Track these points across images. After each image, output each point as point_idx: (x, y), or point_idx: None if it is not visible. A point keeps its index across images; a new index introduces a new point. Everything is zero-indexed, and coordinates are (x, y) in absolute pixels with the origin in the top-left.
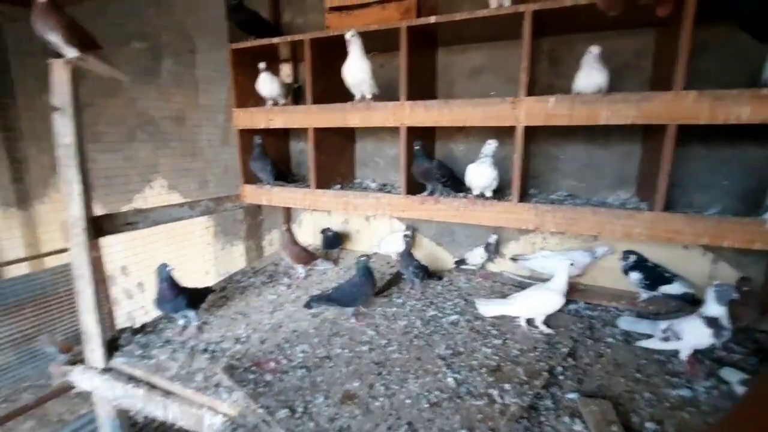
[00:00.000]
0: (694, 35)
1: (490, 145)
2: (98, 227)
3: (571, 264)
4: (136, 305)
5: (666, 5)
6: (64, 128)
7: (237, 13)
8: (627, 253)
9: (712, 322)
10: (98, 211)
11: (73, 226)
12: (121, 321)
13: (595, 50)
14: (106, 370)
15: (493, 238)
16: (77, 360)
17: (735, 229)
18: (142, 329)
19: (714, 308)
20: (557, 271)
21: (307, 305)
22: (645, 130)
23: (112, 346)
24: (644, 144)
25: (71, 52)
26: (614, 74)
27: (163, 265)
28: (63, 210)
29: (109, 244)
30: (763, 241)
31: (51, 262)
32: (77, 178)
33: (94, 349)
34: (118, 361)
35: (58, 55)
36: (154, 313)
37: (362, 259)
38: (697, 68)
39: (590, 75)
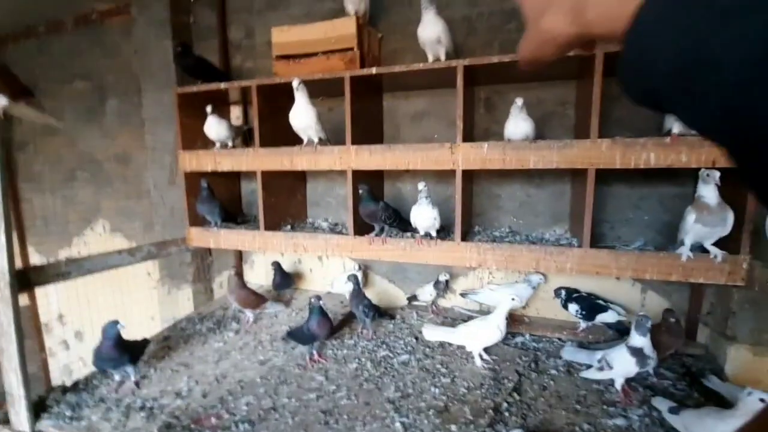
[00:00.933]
0: (606, 86)
1: (422, 187)
2: (25, 280)
3: (513, 299)
4: (73, 356)
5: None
6: None
7: (184, 59)
8: (558, 290)
9: (636, 351)
10: (32, 254)
11: None
12: (57, 374)
13: (519, 101)
14: None
15: (443, 277)
16: (3, 420)
17: (654, 263)
18: (74, 387)
19: (637, 339)
20: (499, 306)
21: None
22: (572, 172)
23: (39, 407)
24: (573, 184)
25: (1, 100)
26: (542, 121)
27: (113, 323)
28: None
29: (46, 291)
30: (679, 274)
31: None
32: (1, 227)
33: (18, 411)
34: (45, 424)
35: None
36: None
37: (313, 300)
38: (612, 116)
39: (517, 124)
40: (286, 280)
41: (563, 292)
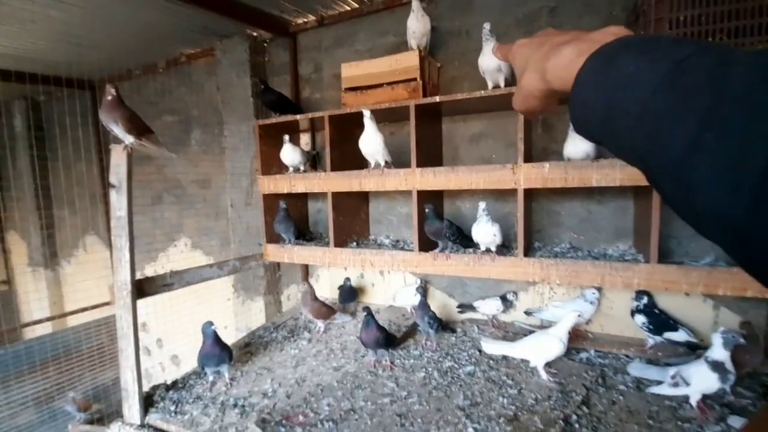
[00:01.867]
0: None
1: (481, 206)
2: (140, 289)
3: (579, 315)
4: (154, 362)
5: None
6: (118, 203)
7: (265, 95)
8: (640, 294)
9: (717, 366)
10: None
11: (120, 289)
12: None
13: None
14: (142, 426)
15: (511, 294)
16: (95, 419)
17: (726, 278)
18: (174, 386)
19: (719, 352)
20: (563, 319)
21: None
22: (635, 188)
23: (147, 402)
24: (636, 200)
25: (129, 139)
26: None
27: (209, 323)
28: (88, 270)
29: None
30: (755, 289)
31: (72, 320)
32: (127, 246)
33: (131, 405)
34: (153, 417)
35: (117, 141)
36: (171, 369)
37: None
38: None
39: (575, 143)
40: (351, 294)
41: (645, 298)
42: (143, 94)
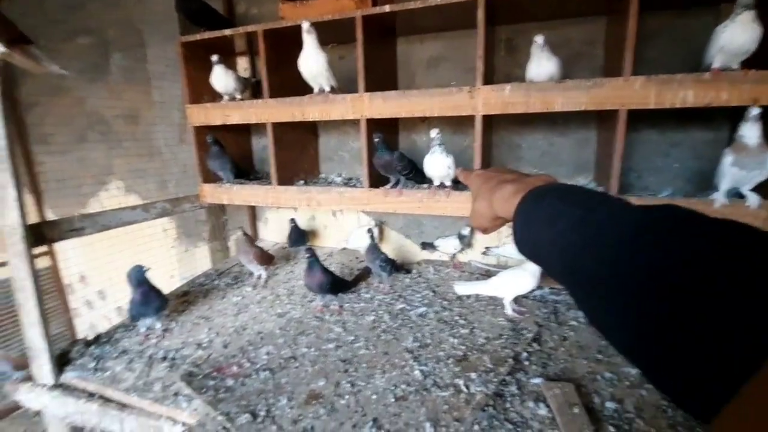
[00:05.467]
0: (641, 23)
1: (435, 134)
2: (39, 235)
3: None
4: (98, 314)
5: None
6: None
7: (186, 3)
8: None
9: None
10: (50, 217)
11: (10, 235)
12: (84, 333)
13: (539, 39)
14: (56, 386)
15: (466, 229)
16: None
17: None
18: (97, 340)
19: None
20: None
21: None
22: (599, 117)
23: (62, 360)
24: (599, 131)
25: None
26: (568, 63)
27: (138, 267)
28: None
29: (65, 252)
30: None
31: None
32: (11, 182)
33: (41, 365)
34: (69, 376)
35: None
36: (117, 321)
37: (305, 254)
38: (645, 56)
39: (540, 64)
40: (301, 237)
41: None
42: (45, 9)
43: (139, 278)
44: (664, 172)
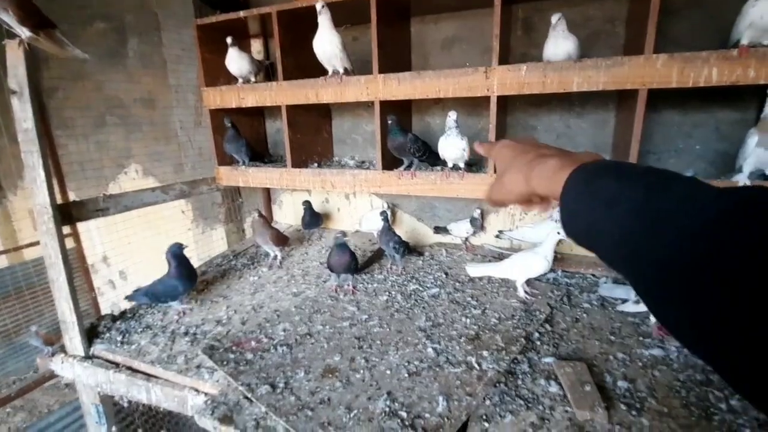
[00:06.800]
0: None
1: (451, 116)
2: (66, 214)
3: (558, 232)
4: (120, 294)
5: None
6: (22, 112)
7: None
8: None
9: None
10: (73, 199)
11: (40, 214)
12: (106, 310)
13: (556, 17)
14: (87, 358)
15: (477, 212)
16: (62, 351)
17: None
18: (122, 316)
19: None
20: (546, 239)
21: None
22: (619, 98)
23: (91, 334)
24: (618, 111)
25: (24, 32)
26: (587, 41)
27: (177, 245)
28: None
29: (89, 233)
30: None
31: (30, 253)
32: (40, 163)
33: (72, 337)
34: (98, 348)
35: (13, 36)
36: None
37: (338, 236)
38: (668, 34)
39: (557, 43)
40: (315, 219)
41: None
42: None
43: (177, 254)
44: (685, 154)
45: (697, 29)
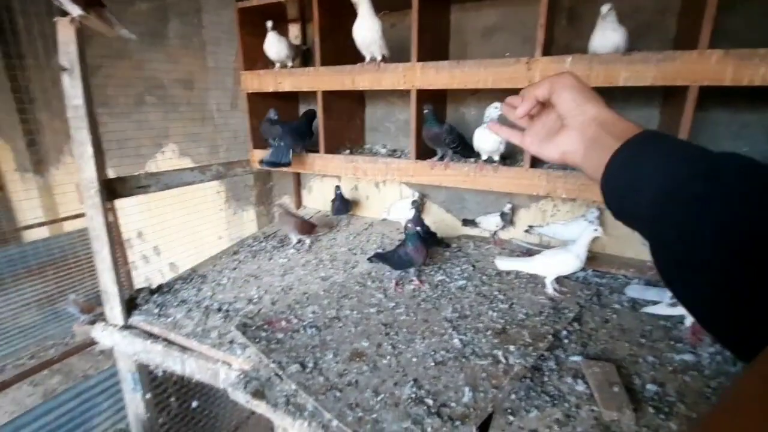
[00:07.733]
0: None
1: (495, 109)
2: (111, 189)
3: (596, 229)
4: (153, 269)
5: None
6: (73, 89)
7: None
8: None
9: None
10: (112, 175)
11: (87, 188)
12: (139, 284)
13: (606, 8)
14: (126, 327)
15: (507, 207)
16: (98, 320)
17: None
18: (159, 290)
19: None
20: (580, 236)
21: (369, 259)
22: (665, 94)
23: (130, 305)
24: (663, 109)
25: (75, 10)
26: (636, 33)
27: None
28: (77, 174)
29: (125, 210)
30: None
31: (69, 226)
32: (89, 139)
33: (113, 307)
34: (136, 319)
35: (65, 14)
36: (169, 276)
37: (410, 225)
38: (724, 28)
39: (605, 35)
40: (344, 206)
41: None
42: None
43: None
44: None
45: (760, 23)
